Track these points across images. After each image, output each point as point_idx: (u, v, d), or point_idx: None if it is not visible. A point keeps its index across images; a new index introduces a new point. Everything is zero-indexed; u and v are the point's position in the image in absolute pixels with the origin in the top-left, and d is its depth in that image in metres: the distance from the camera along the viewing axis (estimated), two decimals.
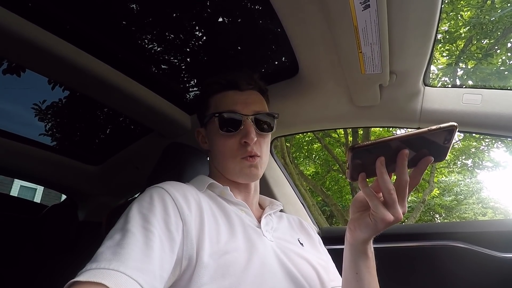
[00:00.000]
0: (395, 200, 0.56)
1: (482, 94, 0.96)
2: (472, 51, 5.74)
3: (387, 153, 0.55)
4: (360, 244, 0.64)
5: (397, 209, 0.56)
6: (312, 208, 6.12)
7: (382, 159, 0.55)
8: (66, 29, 0.98)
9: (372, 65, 0.86)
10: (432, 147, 0.55)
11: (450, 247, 1.11)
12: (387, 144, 0.55)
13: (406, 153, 0.55)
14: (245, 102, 0.80)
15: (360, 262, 0.65)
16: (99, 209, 1.84)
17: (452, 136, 0.53)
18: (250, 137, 0.76)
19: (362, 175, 0.57)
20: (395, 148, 0.55)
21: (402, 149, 0.55)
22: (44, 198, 10.02)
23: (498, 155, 16.39)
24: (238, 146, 0.78)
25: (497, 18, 5.13)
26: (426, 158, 0.56)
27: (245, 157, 0.77)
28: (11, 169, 1.72)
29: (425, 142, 0.54)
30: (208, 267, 0.60)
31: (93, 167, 1.78)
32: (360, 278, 0.65)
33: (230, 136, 0.78)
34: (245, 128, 0.77)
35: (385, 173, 0.55)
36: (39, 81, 1.33)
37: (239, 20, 1.18)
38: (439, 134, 0.53)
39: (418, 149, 0.55)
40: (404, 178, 0.56)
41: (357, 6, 0.67)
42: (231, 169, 0.80)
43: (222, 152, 0.80)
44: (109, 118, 1.69)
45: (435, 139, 0.54)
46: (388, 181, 0.56)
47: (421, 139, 0.54)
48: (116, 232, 0.57)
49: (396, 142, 0.54)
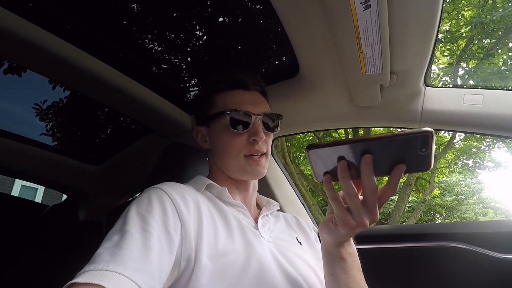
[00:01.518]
0: (357, 206, 0.54)
1: (483, 95, 0.96)
2: (473, 50, 5.73)
3: (353, 156, 0.52)
4: (331, 247, 0.63)
5: (360, 215, 0.54)
6: (313, 207, 6.12)
7: (343, 163, 0.52)
8: (66, 29, 0.98)
9: (372, 65, 0.86)
10: (407, 155, 0.50)
11: (450, 248, 1.10)
12: (348, 146, 0.51)
13: (367, 158, 0.50)
14: (253, 102, 0.82)
15: (333, 264, 0.64)
16: (99, 209, 1.84)
17: (429, 144, 0.47)
18: (260, 136, 0.78)
19: (326, 177, 0.55)
20: (360, 152, 0.51)
21: (366, 154, 0.50)
22: (45, 198, 10.04)
23: (499, 155, 16.36)
24: (245, 144, 0.79)
25: (499, 18, 5.11)
26: (399, 166, 0.51)
27: (248, 155, 0.78)
28: (12, 169, 1.73)
29: (396, 148, 0.49)
30: (207, 268, 0.60)
31: (94, 167, 1.78)
32: (335, 279, 0.64)
33: (239, 135, 0.79)
34: (254, 127, 0.79)
35: (346, 177, 0.52)
36: (39, 81, 1.33)
37: (240, 20, 1.18)
38: (409, 140, 0.48)
39: (389, 155, 0.51)
40: (368, 185, 0.52)
41: (357, 6, 0.67)
42: (234, 167, 0.80)
43: (227, 150, 0.80)
44: (110, 118, 1.69)
45: (407, 146, 0.48)
46: (348, 185, 0.53)
47: (389, 144, 0.49)
48: (115, 233, 0.57)
49: (358, 145, 0.50)
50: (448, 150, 8.04)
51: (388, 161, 0.51)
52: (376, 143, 0.50)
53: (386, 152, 0.50)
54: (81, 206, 1.91)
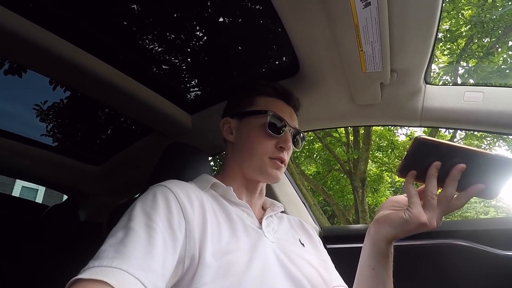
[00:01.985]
0: (434, 206, 0.58)
1: (484, 92, 0.96)
2: (473, 49, 5.73)
3: (446, 161, 0.56)
4: (382, 240, 0.64)
5: (433, 215, 0.58)
6: (314, 207, 6.12)
7: (438, 164, 0.56)
8: (67, 29, 0.98)
9: (373, 63, 0.86)
10: (489, 176, 0.54)
11: (452, 245, 1.10)
12: (450, 149, 0.55)
13: (461, 167, 0.55)
14: (290, 115, 0.87)
15: (378, 259, 0.65)
16: (100, 209, 1.84)
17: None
18: (288, 145, 0.82)
19: (412, 173, 0.60)
20: (455, 159, 0.55)
21: (459, 163, 0.55)
22: (45, 198, 10.05)
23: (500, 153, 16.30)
24: (272, 148, 0.82)
25: (498, 17, 5.12)
26: (478, 185, 0.56)
27: (274, 158, 0.81)
28: (12, 169, 1.73)
29: (488, 168, 0.54)
30: (210, 266, 0.60)
31: (94, 167, 1.79)
32: (375, 274, 0.65)
33: (270, 137, 0.82)
34: (286, 136, 0.82)
35: (434, 177, 0.57)
36: (40, 82, 1.33)
37: (240, 20, 1.18)
38: (501, 163, 0.52)
39: (476, 171, 0.55)
40: (450, 190, 0.57)
41: (357, 4, 0.67)
42: (255, 165, 0.81)
43: (254, 148, 0.82)
44: (110, 118, 1.69)
45: (495, 167, 0.53)
46: (434, 185, 0.58)
47: (482, 160, 0.53)
48: (119, 230, 0.57)
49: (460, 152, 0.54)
50: None
51: (471, 177, 0.56)
52: (477, 156, 0.54)
53: (476, 168, 0.55)
54: (81, 206, 1.91)
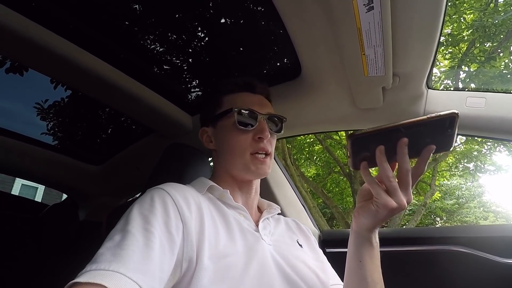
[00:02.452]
0: (396, 188, 0.57)
1: (486, 98, 0.96)
2: (475, 54, 5.73)
3: (388, 142, 0.56)
4: (364, 231, 0.64)
5: (399, 196, 0.57)
6: (313, 210, 6.11)
7: (381, 148, 0.56)
8: (68, 29, 0.98)
9: (375, 67, 0.85)
10: (434, 136, 0.55)
11: (452, 252, 1.10)
12: (385, 132, 0.56)
13: (405, 141, 0.55)
14: (259, 103, 0.85)
15: (363, 250, 0.65)
16: (99, 209, 1.84)
17: (454, 124, 0.53)
18: (265, 134, 0.80)
19: (363, 164, 0.59)
20: (395, 136, 0.56)
21: (402, 138, 0.55)
22: (45, 197, 10.03)
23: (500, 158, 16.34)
24: (250, 142, 0.80)
25: (500, 21, 5.12)
26: (429, 147, 0.56)
27: (255, 152, 0.80)
28: (12, 167, 1.72)
29: (425, 131, 0.55)
30: (208, 269, 0.60)
31: (94, 167, 1.78)
32: (363, 266, 0.65)
33: (245, 132, 0.81)
34: (260, 125, 0.81)
35: (384, 161, 0.57)
36: (41, 80, 1.33)
37: (241, 21, 1.18)
38: (439, 122, 0.53)
39: (420, 138, 0.56)
40: (404, 166, 0.57)
41: (360, 8, 0.67)
42: (239, 165, 0.81)
43: (233, 148, 0.81)
44: (111, 118, 1.69)
45: (436, 128, 0.54)
46: (387, 169, 0.57)
47: (421, 127, 0.54)
48: (116, 233, 0.57)
49: (395, 130, 0.55)
50: (449, 153, 8.03)
51: (419, 143, 0.56)
52: (411, 126, 0.54)
53: (419, 135, 0.55)
54: (81, 205, 1.91)
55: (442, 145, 0.57)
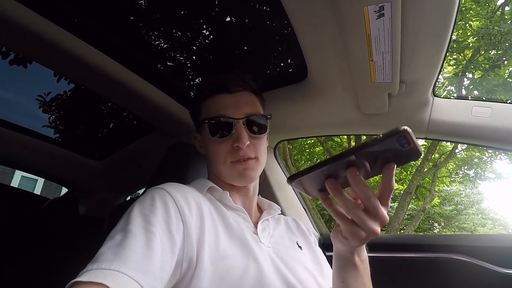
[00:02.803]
0: (362, 218, 0.51)
1: (492, 108, 0.95)
2: (479, 61, 5.72)
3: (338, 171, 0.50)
4: (343, 254, 0.62)
5: (367, 225, 0.51)
6: (312, 211, 6.11)
7: (331, 181, 0.51)
8: (73, 23, 0.98)
9: (382, 74, 0.85)
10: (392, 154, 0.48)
11: (452, 260, 1.09)
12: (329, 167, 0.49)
13: (352, 172, 0.49)
14: (235, 105, 0.78)
15: (345, 271, 0.64)
16: (99, 204, 1.84)
17: (408, 140, 0.45)
18: (242, 141, 0.75)
19: (321, 195, 0.54)
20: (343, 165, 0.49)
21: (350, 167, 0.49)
22: (44, 189, 10.05)
23: (501, 166, 16.32)
24: (230, 150, 0.77)
25: (506, 29, 5.10)
26: (388, 165, 0.49)
27: (235, 161, 0.77)
28: (13, 160, 1.72)
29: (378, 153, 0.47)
30: (208, 271, 0.60)
31: (96, 162, 1.78)
32: (346, 286, 0.64)
33: (222, 141, 0.77)
34: (237, 132, 0.76)
35: (339, 194, 0.51)
36: (44, 73, 1.32)
37: (247, 20, 1.17)
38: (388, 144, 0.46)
39: (376, 159, 0.49)
40: (363, 195, 0.50)
41: (371, 14, 0.66)
42: (224, 173, 0.80)
43: (215, 157, 0.80)
44: (113, 114, 1.68)
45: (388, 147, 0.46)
46: (345, 200, 0.52)
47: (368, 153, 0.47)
48: (117, 232, 0.57)
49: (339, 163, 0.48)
50: (450, 160, 8.02)
51: (376, 163, 0.49)
52: (357, 154, 0.47)
53: (369, 159, 0.49)
54: (81, 200, 1.90)
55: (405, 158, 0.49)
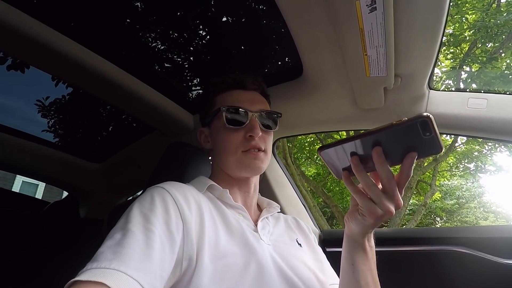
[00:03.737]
0: (379, 195, 0.56)
1: (488, 99, 0.95)
2: (476, 54, 5.72)
3: (363, 150, 0.54)
4: (355, 236, 0.64)
5: (384, 203, 0.56)
6: (313, 209, 6.11)
7: (355, 158, 0.55)
8: (70, 27, 0.98)
9: (377, 68, 0.85)
10: (413, 142, 0.51)
11: (453, 252, 1.10)
12: (355, 141, 0.54)
13: (377, 150, 0.53)
14: (250, 100, 0.83)
15: (355, 254, 0.65)
16: (100, 207, 1.84)
17: (429, 128, 0.48)
18: (256, 132, 0.78)
19: (344, 174, 0.59)
20: (369, 145, 0.53)
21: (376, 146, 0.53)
22: (45, 194, 10.05)
23: (501, 159, 16.31)
24: (242, 140, 0.79)
25: (503, 22, 5.10)
26: (410, 154, 0.53)
27: (247, 150, 0.79)
28: (13, 164, 1.73)
29: (400, 136, 0.51)
30: (208, 269, 0.61)
31: (95, 164, 1.78)
32: (355, 270, 0.65)
33: (236, 130, 0.80)
34: (251, 123, 0.79)
35: (360, 170, 0.56)
36: (42, 78, 1.33)
37: (243, 20, 1.17)
38: (410, 128, 0.49)
39: (397, 144, 0.52)
40: (384, 174, 0.55)
41: (363, 8, 0.67)
42: (232, 164, 0.80)
43: (226, 147, 0.81)
44: (112, 116, 1.69)
45: (410, 133, 0.50)
46: (365, 177, 0.56)
47: (392, 133, 0.51)
48: (117, 231, 0.57)
49: (365, 139, 0.53)
50: (450, 154, 8.02)
51: (399, 149, 0.53)
52: (380, 134, 0.51)
53: (393, 142, 0.52)
54: (81, 203, 1.91)
55: (427, 149, 0.52)
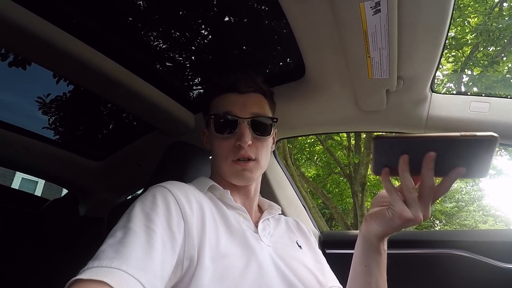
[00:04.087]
0: (415, 200, 0.56)
1: (490, 103, 0.95)
2: (478, 57, 5.72)
3: (414, 152, 0.53)
4: (374, 237, 0.64)
5: (417, 208, 0.55)
6: (313, 210, 6.11)
7: (405, 157, 0.54)
8: (72, 24, 0.98)
9: (380, 70, 0.85)
10: (467, 157, 0.50)
11: (452, 256, 1.10)
12: (413, 142, 0.53)
13: (431, 156, 0.52)
14: (243, 104, 0.79)
15: (370, 256, 0.65)
16: (100, 205, 1.84)
17: (491, 149, 0.48)
18: (244, 140, 0.75)
19: (385, 170, 0.57)
20: (423, 149, 0.52)
21: (429, 151, 0.52)
22: (45, 191, 10.05)
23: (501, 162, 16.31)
24: (231, 148, 0.77)
25: (505, 26, 5.10)
26: (458, 169, 0.52)
27: (236, 159, 0.77)
28: (13, 161, 1.72)
29: (457, 150, 0.50)
30: (209, 269, 0.61)
31: (95, 162, 1.78)
32: (368, 271, 0.65)
33: (226, 138, 0.78)
34: (240, 131, 0.76)
35: (406, 171, 0.55)
36: (44, 75, 1.33)
37: (246, 20, 1.17)
38: (475, 144, 0.48)
39: (450, 156, 0.51)
40: (428, 181, 0.54)
41: (367, 10, 0.67)
42: (224, 171, 0.80)
43: (217, 154, 0.80)
44: (113, 114, 1.69)
45: (470, 149, 0.49)
46: (408, 180, 0.55)
47: (451, 144, 0.50)
48: (119, 230, 0.57)
49: (423, 142, 0.52)
50: None
51: (449, 162, 0.52)
52: (442, 142, 0.50)
53: (449, 153, 0.51)
54: (81, 201, 1.91)
55: (475, 169, 0.51)
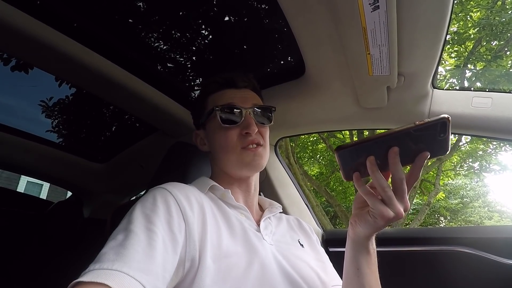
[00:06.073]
0: (391, 197, 0.56)
1: (492, 98, 0.94)
2: (481, 52, 5.67)
3: (378, 151, 0.55)
4: (361, 239, 0.64)
5: (396, 205, 0.56)
6: (316, 208, 6.10)
7: (371, 159, 0.56)
8: (72, 27, 0.98)
9: (380, 67, 0.85)
10: (427, 142, 0.54)
11: (456, 253, 1.09)
12: (374, 142, 0.55)
13: (395, 151, 0.54)
14: (243, 98, 0.83)
15: (361, 257, 0.65)
16: (103, 207, 1.85)
17: (446, 129, 0.52)
18: (252, 128, 0.78)
19: (356, 175, 0.58)
20: (385, 146, 0.55)
21: (391, 147, 0.54)
22: (50, 194, 10.12)
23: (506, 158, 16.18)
24: (238, 137, 0.79)
25: (508, 19, 5.05)
26: (422, 154, 0.55)
27: (245, 146, 0.78)
28: (18, 165, 1.74)
29: (416, 138, 0.53)
30: (210, 269, 0.61)
31: (99, 164, 1.79)
32: (360, 273, 0.65)
33: (231, 129, 0.79)
34: (246, 120, 0.79)
35: (376, 171, 0.56)
36: (46, 78, 1.34)
37: (245, 19, 1.17)
38: (430, 129, 0.52)
39: (412, 145, 0.54)
40: (397, 175, 0.56)
41: (366, 7, 0.66)
42: (232, 161, 0.80)
43: (223, 146, 0.81)
44: (115, 116, 1.70)
45: (428, 134, 0.53)
46: (380, 179, 0.56)
47: (410, 135, 0.53)
48: (119, 232, 0.57)
49: (383, 140, 0.54)
50: (454, 153, 7.97)
51: (411, 150, 0.55)
52: (399, 135, 0.53)
53: (409, 143, 0.54)
54: (85, 203, 1.92)
55: (436, 150, 0.55)
